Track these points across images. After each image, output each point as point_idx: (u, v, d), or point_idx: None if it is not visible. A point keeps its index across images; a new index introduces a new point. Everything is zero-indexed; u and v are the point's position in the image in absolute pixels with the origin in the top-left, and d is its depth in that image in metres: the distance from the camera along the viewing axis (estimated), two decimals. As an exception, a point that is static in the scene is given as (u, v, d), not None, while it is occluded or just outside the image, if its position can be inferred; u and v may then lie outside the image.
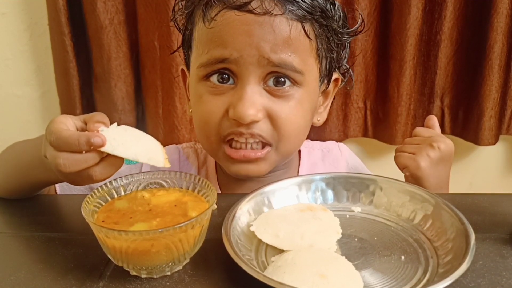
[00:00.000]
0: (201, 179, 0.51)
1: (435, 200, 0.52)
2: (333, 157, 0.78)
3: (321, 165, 0.76)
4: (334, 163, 0.77)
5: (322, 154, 0.78)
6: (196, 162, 0.74)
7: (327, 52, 0.64)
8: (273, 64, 0.57)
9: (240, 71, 0.58)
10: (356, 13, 1.02)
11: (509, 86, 1.10)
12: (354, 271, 0.43)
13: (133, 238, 0.41)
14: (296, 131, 0.62)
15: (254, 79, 0.58)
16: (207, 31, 0.58)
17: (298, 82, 0.60)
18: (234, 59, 0.57)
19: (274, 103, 0.59)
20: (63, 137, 0.45)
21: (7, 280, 0.45)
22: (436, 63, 1.10)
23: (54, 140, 0.45)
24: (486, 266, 0.45)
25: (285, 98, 0.60)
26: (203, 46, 0.59)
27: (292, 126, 0.61)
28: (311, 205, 0.55)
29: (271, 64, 0.57)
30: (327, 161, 0.77)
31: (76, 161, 0.44)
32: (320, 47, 0.62)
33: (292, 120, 0.61)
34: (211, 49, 0.58)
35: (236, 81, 0.59)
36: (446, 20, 1.06)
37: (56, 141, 0.45)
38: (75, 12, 1.08)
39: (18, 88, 1.22)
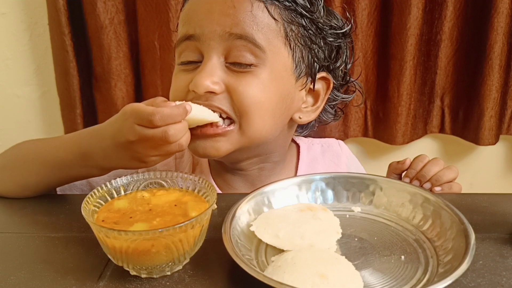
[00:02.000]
0: (201, 179, 0.51)
1: (435, 200, 0.52)
2: (333, 152, 0.78)
3: (321, 160, 0.76)
4: (334, 159, 0.77)
5: (322, 149, 0.78)
6: (190, 159, 0.75)
7: (301, 41, 0.63)
8: (235, 36, 0.59)
9: (203, 47, 0.60)
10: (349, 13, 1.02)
11: (509, 86, 1.10)
12: (354, 271, 0.43)
13: (133, 238, 0.41)
14: (257, 109, 0.61)
15: (216, 55, 0.60)
16: (182, 13, 0.64)
17: (259, 58, 0.60)
18: (197, 35, 0.60)
19: (234, 78, 0.60)
20: (167, 112, 0.50)
21: (7, 280, 0.45)
22: (436, 63, 1.10)
23: (159, 118, 0.49)
24: (486, 266, 0.45)
25: (245, 74, 0.60)
26: (179, 27, 0.64)
27: (250, 101, 0.60)
28: (311, 205, 0.55)
29: (232, 36, 0.59)
30: (327, 156, 0.77)
31: (180, 129, 0.51)
32: (290, 33, 0.62)
33: (251, 95, 0.60)
34: (181, 28, 0.63)
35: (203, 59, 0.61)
36: (447, 20, 1.06)
37: (162, 118, 0.50)
38: (75, 12, 1.08)
39: (18, 88, 1.22)
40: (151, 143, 0.51)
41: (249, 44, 0.59)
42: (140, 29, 1.09)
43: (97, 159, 0.57)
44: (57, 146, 0.61)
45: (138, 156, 0.53)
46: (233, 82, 0.60)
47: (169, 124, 0.50)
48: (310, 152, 0.77)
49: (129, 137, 0.52)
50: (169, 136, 0.50)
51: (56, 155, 0.60)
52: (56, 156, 0.61)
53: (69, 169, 0.60)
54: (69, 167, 0.60)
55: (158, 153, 0.53)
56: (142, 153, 0.53)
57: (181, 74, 0.63)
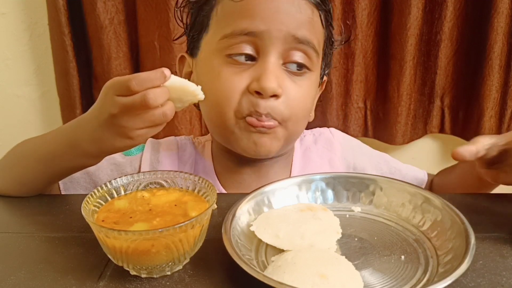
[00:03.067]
0: (201, 179, 0.51)
1: (435, 200, 0.52)
2: (325, 140, 0.79)
3: (314, 148, 0.77)
4: (326, 145, 0.78)
5: (314, 138, 0.79)
6: (193, 154, 0.75)
7: (327, 47, 0.68)
8: (298, 41, 0.60)
9: (264, 45, 0.59)
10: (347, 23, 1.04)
11: (509, 86, 1.10)
12: (354, 271, 0.43)
13: (133, 238, 0.41)
14: (304, 113, 0.65)
15: (276, 55, 0.60)
16: (235, 4, 0.60)
17: (313, 63, 0.63)
18: (260, 33, 0.58)
19: (289, 81, 0.61)
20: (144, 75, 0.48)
21: (7, 280, 0.45)
22: (436, 63, 1.10)
23: (136, 83, 0.48)
24: (486, 266, 0.45)
25: (299, 77, 0.62)
26: (228, 18, 0.61)
27: (302, 107, 0.63)
28: (311, 205, 0.55)
29: (296, 41, 0.60)
30: (319, 143, 0.78)
31: (159, 93, 0.48)
32: (326, 39, 0.66)
33: (303, 101, 0.63)
34: (236, 20, 0.59)
35: (257, 57, 0.60)
36: (446, 20, 1.06)
37: (138, 83, 0.48)
38: (75, 12, 1.08)
39: (18, 88, 1.22)
40: (132, 112, 0.50)
41: (309, 49, 0.61)
42: (140, 29, 1.09)
43: (84, 146, 0.55)
44: (49, 139, 0.61)
45: (124, 132, 0.51)
46: (289, 85, 0.61)
47: (148, 89, 0.48)
48: (303, 142, 0.78)
49: (111, 110, 0.50)
50: (148, 100, 0.47)
51: (48, 148, 0.60)
52: (48, 149, 0.60)
53: (61, 161, 0.59)
54: (60, 158, 0.59)
55: (143, 125, 0.50)
56: (127, 127, 0.51)
57: (232, 73, 0.60)
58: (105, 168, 0.72)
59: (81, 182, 0.71)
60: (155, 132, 0.52)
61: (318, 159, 0.76)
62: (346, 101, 1.15)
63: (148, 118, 0.50)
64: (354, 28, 1.08)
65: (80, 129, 0.56)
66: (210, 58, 0.63)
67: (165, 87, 0.49)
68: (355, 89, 1.13)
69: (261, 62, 0.60)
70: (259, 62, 0.60)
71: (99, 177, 0.72)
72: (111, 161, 0.73)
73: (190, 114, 1.12)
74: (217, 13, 0.63)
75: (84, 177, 0.72)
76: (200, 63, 0.66)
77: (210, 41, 0.64)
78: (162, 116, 0.50)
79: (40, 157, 0.61)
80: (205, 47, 0.65)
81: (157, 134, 1.12)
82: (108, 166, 0.72)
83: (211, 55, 0.63)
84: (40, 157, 0.61)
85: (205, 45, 0.65)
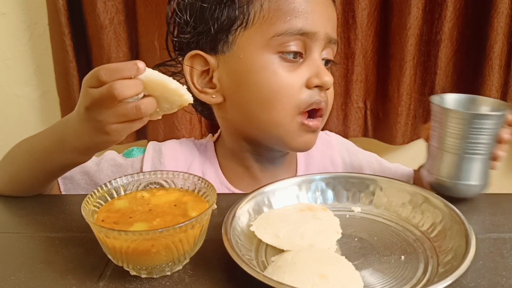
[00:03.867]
0: (201, 179, 0.51)
1: (435, 200, 0.52)
2: (323, 140, 0.79)
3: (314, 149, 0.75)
4: (326, 145, 0.79)
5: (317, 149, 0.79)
6: (197, 154, 0.74)
7: None
8: (331, 41, 0.65)
9: (312, 44, 0.62)
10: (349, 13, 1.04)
11: (509, 86, 1.10)
12: (354, 271, 0.43)
13: (133, 238, 0.41)
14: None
15: (319, 52, 0.64)
16: (288, 1, 0.61)
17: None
18: (312, 34, 0.61)
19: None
20: (113, 66, 0.47)
21: (7, 280, 0.45)
22: (436, 63, 1.10)
23: (104, 72, 0.47)
24: (486, 266, 0.45)
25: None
26: (280, 16, 0.61)
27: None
28: (311, 205, 0.55)
29: (330, 41, 0.64)
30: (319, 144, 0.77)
31: (129, 84, 0.46)
32: None
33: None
34: (292, 19, 0.61)
35: (304, 55, 0.63)
36: (446, 20, 1.06)
37: (107, 72, 0.47)
38: (75, 12, 1.08)
39: (18, 88, 1.22)
40: (103, 105, 0.48)
41: (335, 46, 0.67)
42: (140, 29, 1.09)
43: (71, 141, 0.55)
44: (42, 136, 0.61)
45: (99, 126, 0.50)
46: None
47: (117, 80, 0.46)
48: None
49: (85, 103, 0.49)
50: (113, 90, 0.45)
51: (41, 145, 0.60)
52: (40, 145, 0.60)
53: (52, 157, 0.59)
54: (52, 155, 0.58)
55: (116, 119, 0.48)
56: (101, 121, 0.49)
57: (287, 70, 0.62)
58: (106, 170, 0.72)
59: (81, 183, 0.71)
60: (133, 128, 0.50)
61: (320, 157, 0.77)
62: (346, 101, 1.15)
63: (119, 111, 0.48)
64: (354, 28, 1.08)
65: (67, 124, 0.56)
66: (258, 55, 0.62)
67: (138, 79, 0.47)
68: (355, 89, 1.13)
69: (310, 59, 0.63)
70: (308, 59, 0.63)
71: (99, 178, 0.71)
72: (111, 163, 0.73)
73: (190, 114, 1.12)
74: (263, 9, 0.61)
75: (84, 178, 0.71)
76: (241, 60, 0.63)
77: (256, 37, 0.62)
78: (135, 110, 0.47)
79: (33, 154, 0.61)
80: (246, 43, 0.62)
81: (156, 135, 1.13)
82: (109, 167, 0.72)
83: (259, 51, 0.62)
84: (33, 154, 0.61)
85: (247, 40, 0.62)
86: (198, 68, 0.66)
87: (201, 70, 0.66)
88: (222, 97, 0.65)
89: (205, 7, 0.63)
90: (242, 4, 0.62)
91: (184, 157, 0.74)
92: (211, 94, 0.66)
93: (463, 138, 0.54)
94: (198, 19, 0.64)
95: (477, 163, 0.55)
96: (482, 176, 0.57)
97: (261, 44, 0.61)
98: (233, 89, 0.64)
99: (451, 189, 0.57)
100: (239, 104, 0.65)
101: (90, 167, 0.72)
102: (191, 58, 0.65)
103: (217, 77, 0.65)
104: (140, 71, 0.47)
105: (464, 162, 0.55)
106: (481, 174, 0.57)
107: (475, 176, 0.56)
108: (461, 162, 0.55)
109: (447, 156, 0.56)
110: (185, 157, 0.74)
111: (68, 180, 0.70)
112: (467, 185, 0.56)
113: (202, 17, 0.64)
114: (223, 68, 0.64)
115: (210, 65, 0.65)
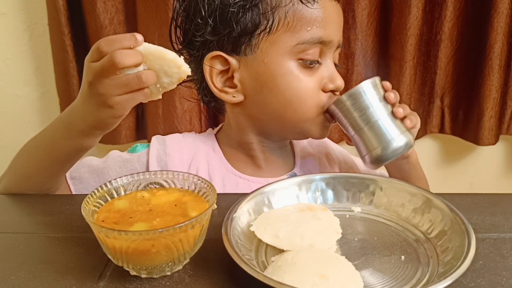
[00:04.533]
0: (201, 179, 0.51)
1: (435, 200, 0.52)
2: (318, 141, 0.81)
3: (310, 148, 0.80)
4: (321, 144, 0.82)
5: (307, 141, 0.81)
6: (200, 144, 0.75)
7: None
8: (340, 46, 0.69)
9: (327, 51, 0.66)
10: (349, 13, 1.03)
11: (509, 86, 1.10)
12: (354, 271, 0.43)
13: (133, 238, 0.41)
14: None
15: (332, 58, 0.68)
16: (310, 11, 0.63)
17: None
18: (328, 42, 0.65)
19: None
20: (112, 37, 0.49)
21: (7, 280, 0.45)
22: (436, 63, 1.10)
23: (105, 43, 0.49)
24: (486, 266, 0.45)
25: None
26: (304, 24, 0.63)
27: None
28: (311, 205, 0.55)
29: (339, 46, 0.69)
30: (314, 144, 0.82)
31: (129, 53, 0.48)
32: None
33: None
34: (313, 28, 0.64)
35: (320, 60, 0.66)
36: (446, 20, 1.06)
37: (107, 43, 0.49)
38: (75, 12, 1.08)
39: (18, 88, 1.22)
40: (105, 77, 0.49)
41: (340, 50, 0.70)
42: (140, 29, 1.09)
43: (76, 123, 0.56)
44: (49, 127, 0.62)
45: (103, 100, 0.51)
46: None
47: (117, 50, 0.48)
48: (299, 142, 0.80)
49: (88, 78, 0.51)
50: (115, 58, 0.47)
51: (47, 135, 0.62)
52: (47, 136, 0.62)
53: (59, 145, 0.60)
54: (58, 142, 0.60)
55: (119, 90, 0.50)
56: (104, 94, 0.51)
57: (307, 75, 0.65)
58: (113, 166, 0.72)
59: (91, 182, 0.71)
60: (135, 100, 0.51)
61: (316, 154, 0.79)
62: (346, 101, 1.15)
63: (121, 82, 0.49)
64: (354, 28, 1.08)
65: (72, 110, 0.57)
66: (281, 60, 0.64)
67: (137, 50, 0.49)
68: (355, 89, 1.13)
69: (325, 64, 0.67)
70: (324, 64, 0.66)
71: (108, 175, 0.71)
72: (118, 159, 0.73)
73: (190, 114, 1.12)
74: (288, 16, 0.63)
75: (93, 177, 0.72)
76: (265, 64, 0.65)
77: (280, 43, 0.63)
78: (137, 79, 0.49)
79: (40, 147, 0.62)
80: (270, 48, 0.64)
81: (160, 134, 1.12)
82: (116, 163, 0.72)
83: (282, 57, 0.64)
84: (40, 147, 0.62)
85: (271, 46, 0.64)
86: (218, 68, 0.66)
87: (220, 69, 0.67)
88: (243, 97, 0.67)
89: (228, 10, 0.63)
90: (266, 10, 0.63)
91: (189, 147, 0.74)
92: (232, 93, 0.67)
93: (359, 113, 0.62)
94: (219, 21, 0.64)
95: (384, 124, 0.62)
96: (398, 133, 0.62)
97: (284, 50, 0.64)
98: (256, 90, 0.66)
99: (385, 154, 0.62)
100: (262, 103, 0.67)
101: (97, 165, 0.72)
102: (213, 58, 0.66)
103: (238, 78, 0.66)
104: (138, 42, 0.49)
105: (374, 130, 0.62)
106: (396, 131, 0.62)
107: (392, 134, 0.62)
108: (372, 130, 0.62)
109: (362, 133, 0.63)
110: (189, 148, 0.74)
111: (77, 180, 0.71)
112: (390, 142, 0.62)
113: (224, 19, 0.64)
114: (245, 69, 0.66)
115: (231, 66, 0.66)
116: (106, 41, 0.49)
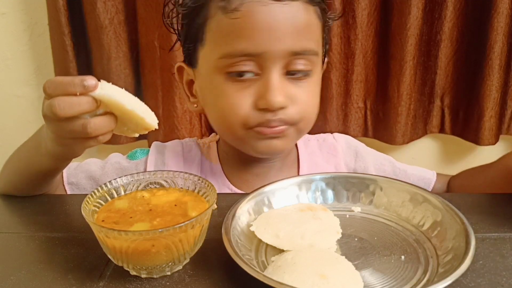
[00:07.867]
0: (201, 179, 0.51)
1: (435, 200, 0.52)
2: (329, 145, 0.79)
3: (319, 154, 0.78)
4: (331, 151, 0.78)
5: (318, 143, 0.79)
6: (199, 155, 0.75)
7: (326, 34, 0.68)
8: (298, 53, 0.59)
9: (265, 63, 0.59)
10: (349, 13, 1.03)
11: (509, 86, 1.10)
12: (354, 271, 0.43)
13: (133, 238, 0.41)
14: (315, 110, 0.66)
15: (279, 70, 0.59)
16: (229, 21, 0.58)
17: (314, 63, 0.63)
18: (258, 54, 0.58)
19: (296, 88, 0.61)
20: (58, 80, 0.44)
21: (7, 280, 0.45)
22: (436, 63, 1.10)
23: (49, 85, 0.44)
24: (486, 266, 0.45)
25: (303, 80, 0.62)
26: (224, 37, 0.59)
27: (312, 107, 0.65)
28: (311, 205, 0.55)
29: (296, 54, 0.59)
30: (324, 149, 0.79)
31: (71, 102, 0.43)
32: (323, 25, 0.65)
33: (312, 101, 0.65)
34: (234, 40, 0.58)
35: (260, 73, 0.59)
36: (446, 20, 1.06)
37: (51, 86, 0.44)
38: (75, 12, 1.08)
39: (18, 88, 1.22)
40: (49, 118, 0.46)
41: (309, 56, 0.61)
42: (140, 29, 1.09)
43: (45, 144, 0.54)
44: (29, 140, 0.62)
45: (54, 138, 0.49)
46: (295, 92, 0.61)
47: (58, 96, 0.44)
48: (307, 147, 0.78)
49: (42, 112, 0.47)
50: (52, 107, 0.43)
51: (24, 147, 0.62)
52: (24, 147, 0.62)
53: (32, 161, 0.59)
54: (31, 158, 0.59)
55: (65, 134, 0.47)
56: (55, 132, 0.48)
57: (236, 90, 0.60)
58: (111, 173, 0.72)
59: (87, 188, 0.71)
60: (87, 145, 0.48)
61: (324, 164, 0.76)
62: (346, 101, 1.15)
63: (67, 128, 0.45)
64: (354, 28, 1.08)
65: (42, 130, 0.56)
66: (210, 75, 0.62)
67: (88, 97, 0.43)
68: (355, 89, 1.13)
69: (264, 78, 0.59)
70: (263, 77, 0.59)
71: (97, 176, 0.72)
72: (116, 166, 0.73)
73: (190, 114, 1.12)
74: (212, 29, 0.60)
75: (90, 183, 0.72)
76: (201, 77, 0.65)
77: (208, 57, 0.62)
78: (81, 128, 0.44)
79: (20, 158, 0.63)
80: (203, 61, 0.63)
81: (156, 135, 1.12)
82: (114, 171, 0.73)
83: (211, 72, 0.62)
84: (20, 158, 0.63)
85: (203, 59, 0.63)
86: (186, 78, 0.69)
87: (188, 79, 0.69)
88: (201, 107, 0.68)
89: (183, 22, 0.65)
90: (198, 23, 0.62)
91: (186, 157, 0.74)
92: (194, 102, 0.69)
93: None
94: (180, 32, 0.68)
95: None
96: None
97: (212, 64, 0.61)
98: (202, 101, 0.68)
99: None
100: (208, 113, 0.68)
101: (95, 171, 0.72)
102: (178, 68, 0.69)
103: (195, 88, 0.68)
104: (88, 88, 0.43)
105: None
106: None
107: None
108: None
109: None
110: (187, 157, 0.74)
111: (74, 185, 0.71)
112: None
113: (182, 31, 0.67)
114: (197, 81, 0.67)
115: (191, 76, 0.68)
116: (50, 83, 0.44)
